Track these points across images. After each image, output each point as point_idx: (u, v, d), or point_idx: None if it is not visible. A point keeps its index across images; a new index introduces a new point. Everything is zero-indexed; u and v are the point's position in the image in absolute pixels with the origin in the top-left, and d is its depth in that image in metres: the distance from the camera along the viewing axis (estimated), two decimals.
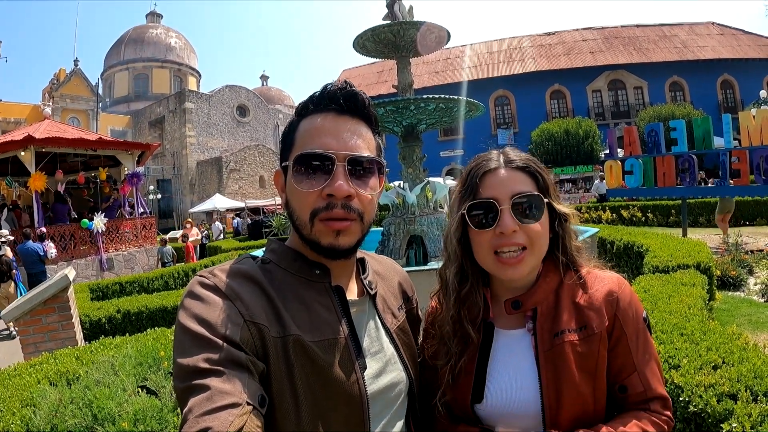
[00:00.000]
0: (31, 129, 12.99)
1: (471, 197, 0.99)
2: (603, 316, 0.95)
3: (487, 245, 0.97)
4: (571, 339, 0.94)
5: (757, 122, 8.96)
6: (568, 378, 0.91)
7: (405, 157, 5.55)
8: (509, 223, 0.94)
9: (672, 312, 2.70)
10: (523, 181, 0.99)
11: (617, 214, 15.73)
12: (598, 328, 0.94)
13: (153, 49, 43.54)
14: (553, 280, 1.02)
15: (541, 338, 0.96)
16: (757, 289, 6.31)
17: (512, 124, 35.87)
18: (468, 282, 1.04)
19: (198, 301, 0.79)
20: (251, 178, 33.29)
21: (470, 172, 1.02)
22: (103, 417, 2.05)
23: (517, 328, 1.01)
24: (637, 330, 0.97)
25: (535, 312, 0.99)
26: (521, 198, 0.96)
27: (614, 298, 0.97)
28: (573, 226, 1.05)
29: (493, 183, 0.98)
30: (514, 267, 0.95)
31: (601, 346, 0.94)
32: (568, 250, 1.03)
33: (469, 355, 1.01)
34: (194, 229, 16.44)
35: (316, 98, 0.92)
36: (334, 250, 0.88)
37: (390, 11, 5.44)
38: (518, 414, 0.95)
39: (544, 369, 0.93)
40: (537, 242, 0.96)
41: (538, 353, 0.95)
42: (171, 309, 5.63)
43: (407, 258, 5.22)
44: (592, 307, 0.96)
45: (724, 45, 34.54)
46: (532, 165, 1.01)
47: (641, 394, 0.94)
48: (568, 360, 0.92)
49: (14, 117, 29.60)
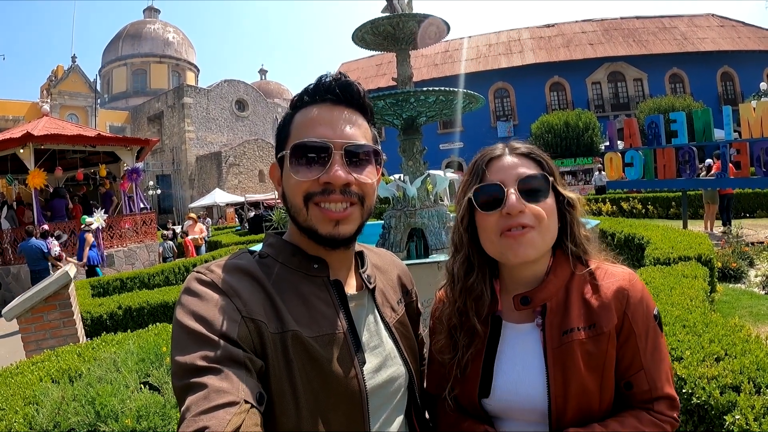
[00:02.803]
0: (29, 126, 12.92)
1: (478, 182, 1.00)
2: (612, 314, 0.94)
3: (493, 228, 0.96)
4: (580, 337, 0.93)
5: (758, 114, 8.94)
6: (576, 376, 0.91)
7: (405, 149, 5.52)
8: (515, 203, 0.94)
9: (674, 304, 2.70)
10: (528, 165, 1.00)
11: (617, 206, 15.72)
12: (607, 327, 0.93)
13: (151, 45, 43.45)
14: (564, 273, 1.00)
15: (549, 335, 0.95)
16: (758, 281, 6.32)
17: (512, 117, 35.78)
18: (474, 272, 1.03)
19: (195, 297, 0.78)
20: (251, 173, 33.28)
21: (476, 161, 1.03)
22: (106, 414, 2.05)
23: (526, 323, 1.00)
24: (647, 328, 0.95)
25: (544, 308, 0.98)
26: (527, 179, 0.97)
27: (624, 296, 0.95)
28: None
29: (499, 168, 0.99)
30: (522, 244, 0.94)
31: (610, 345, 0.93)
32: (578, 238, 1.02)
33: (476, 348, 1.01)
34: (198, 225, 14.38)
35: (312, 90, 0.91)
36: (335, 239, 0.87)
37: (389, 4, 5.40)
38: (525, 409, 0.95)
39: (552, 366, 0.93)
40: (544, 222, 0.96)
41: (546, 350, 0.94)
42: (172, 304, 5.62)
43: (408, 251, 5.21)
44: (602, 305, 0.95)
45: (724, 37, 34.38)
46: (536, 152, 1.03)
47: (646, 393, 0.93)
48: (577, 358, 0.91)
49: (12, 114, 29.58)
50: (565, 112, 28.76)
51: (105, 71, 43.91)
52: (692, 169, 10.14)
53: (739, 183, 10.15)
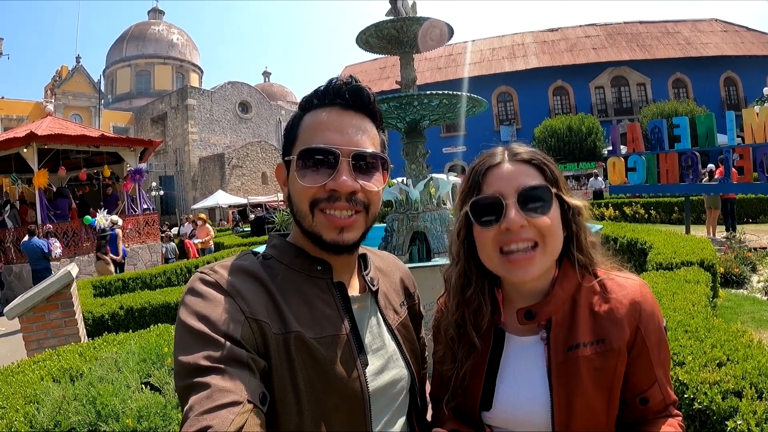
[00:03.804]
0: (33, 126, 12.99)
1: (474, 194, 0.94)
2: (624, 329, 0.89)
3: (491, 244, 0.91)
4: (587, 353, 0.88)
5: (761, 119, 8.94)
6: (581, 393, 0.87)
7: (408, 153, 5.52)
8: (515, 217, 0.87)
9: (676, 309, 2.69)
10: (529, 173, 0.93)
11: (620, 211, 15.69)
12: (617, 343, 0.88)
13: (155, 46, 43.55)
14: (571, 284, 0.95)
15: (554, 350, 0.90)
16: (760, 287, 6.30)
17: (515, 121, 35.78)
18: (471, 285, 0.99)
19: (199, 297, 0.78)
20: (253, 175, 33.29)
21: (474, 169, 0.97)
22: (107, 413, 2.05)
23: (530, 335, 0.95)
24: (659, 342, 0.92)
25: (549, 321, 0.93)
26: (528, 191, 0.89)
27: (637, 309, 0.90)
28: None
29: (497, 178, 0.92)
30: (523, 268, 0.89)
31: (619, 362, 0.88)
32: (584, 247, 0.96)
33: (477, 360, 0.97)
34: (206, 227, 13.59)
35: (321, 92, 0.91)
36: (339, 245, 0.87)
37: (393, 7, 5.40)
38: (526, 424, 0.91)
39: (556, 383, 0.88)
40: (549, 238, 0.90)
41: (550, 365, 0.90)
42: (174, 305, 5.62)
43: (410, 254, 5.21)
44: (613, 319, 0.90)
45: (728, 42, 34.35)
46: (538, 157, 0.95)
47: (661, 403, 0.91)
48: (582, 375, 0.87)
49: (17, 114, 29.63)
50: (568, 117, 28.78)
51: (109, 72, 44.03)
52: (695, 174, 10.13)
53: (742, 188, 10.13)
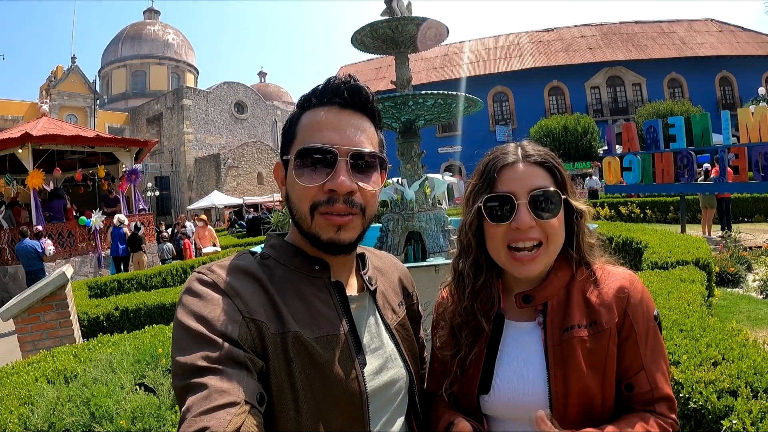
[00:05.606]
0: (28, 126, 12.91)
1: (488, 190, 0.98)
2: (613, 312, 0.94)
3: (501, 239, 0.97)
4: (581, 335, 0.93)
5: (756, 119, 9.00)
6: (577, 373, 0.91)
7: (403, 153, 5.53)
8: (526, 218, 0.93)
9: (671, 308, 2.70)
10: (541, 176, 0.98)
11: (615, 210, 15.72)
12: (608, 324, 0.93)
13: (150, 46, 43.41)
14: (565, 275, 1.01)
15: (550, 333, 0.96)
16: (755, 286, 6.33)
17: (510, 121, 35.85)
18: (483, 274, 1.03)
19: (196, 297, 0.78)
20: (249, 175, 33.24)
21: (487, 165, 1.01)
22: (101, 415, 2.04)
23: (527, 321, 1.01)
24: (647, 328, 0.95)
25: (545, 306, 0.99)
26: (539, 193, 0.95)
27: (625, 295, 0.96)
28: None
29: (511, 177, 0.97)
30: (527, 265, 0.95)
31: (611, 342, 0.93)
32: (582, 246, 1.02)
33: (478, 346, 1.01)
34: (208, 229, 12.47)
35: (320, 91, 0.90)
36: (335, 245, 0.87)
37: (388, 7, 5.40)
38: (525, 406, 0.94)
39: (552, 363, 0.93)
40: (553, 238, 0.96)
41: (547, 347, 0.95)
42: (169, 306, 5.61)
43: (406, 254, 5.21)
44: (603, 303, 0.96)
45: (723, 42, 34.54)
46: (551, 160, 1.01)
47: (647, 394, 0.93)
48: (577, 355, 0.92)
49: (12, 114, 29.51)
50: (563, 117, 28.86)
51: (104, 72, 43.85)
52: (690, 173, 10.19)
53: (737, 187, 10.18)
